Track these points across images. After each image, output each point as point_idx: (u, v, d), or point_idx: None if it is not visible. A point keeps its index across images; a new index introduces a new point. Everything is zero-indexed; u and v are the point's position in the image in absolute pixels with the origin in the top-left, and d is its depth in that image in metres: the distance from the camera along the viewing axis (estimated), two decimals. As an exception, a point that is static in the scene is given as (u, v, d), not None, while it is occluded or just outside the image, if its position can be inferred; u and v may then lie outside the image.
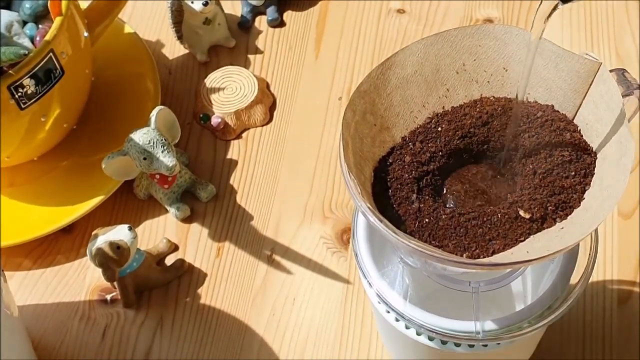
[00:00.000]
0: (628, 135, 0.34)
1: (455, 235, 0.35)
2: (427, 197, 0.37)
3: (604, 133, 0.36)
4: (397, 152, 0.38)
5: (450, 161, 0.38)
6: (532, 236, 0.35)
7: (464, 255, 0.35)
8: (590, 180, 0.36)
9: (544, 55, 0.37)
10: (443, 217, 0.36)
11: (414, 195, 0.37)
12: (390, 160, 0.38)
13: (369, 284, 0.43)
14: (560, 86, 0.37)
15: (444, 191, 0.37)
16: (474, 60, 0.39)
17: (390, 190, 0.37)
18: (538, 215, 0.35)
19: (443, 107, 0.39)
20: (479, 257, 0.35)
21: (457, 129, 0.38)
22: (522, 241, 0.35)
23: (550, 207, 0.35)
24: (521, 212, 0.35)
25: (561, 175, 0.36)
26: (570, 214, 0.35)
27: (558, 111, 0.38)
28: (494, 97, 0.39)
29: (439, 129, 0.38)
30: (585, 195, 0.35)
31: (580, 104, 0.37)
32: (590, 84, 0.36)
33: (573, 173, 0.36)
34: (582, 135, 0.37)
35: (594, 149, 0.37)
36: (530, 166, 0.37)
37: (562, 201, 0.35)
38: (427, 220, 0.36)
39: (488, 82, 0.39)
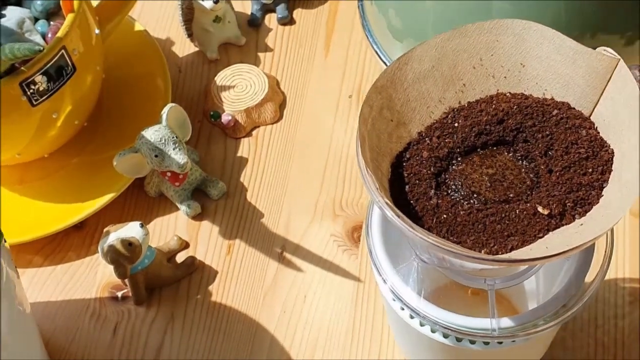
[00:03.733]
0: None
1: (474, 231, 0.35)
2: (445, 193, 0.37)
3: (622, 129, 0.36)
4: (414, 147, 0.38)
5: (467, 157, 0.38)
6: (550, 232, 0.35)
7: (482, 251, 0.34)
8: (609, 177, 0.35)
9: (562, 52, 0.37)
10: (461, 213, 0.36)
11: (432, 191, 0.36)
12: (408, 156, 0.38)
13: (384, 280, 0.43)
14: (577, 82, 0.37)
15: (462, 186, 0.37)
16: (491, 56, 0.38)
17: (407, 186, 0.37)
18: (556, 211, 0.35)
19: (459, 102, 0.39)
20: (497, 254, 0.34)
21: (474, 125, 0.38)
22: (540, 237, 0.35)
23: (568, 204, 0.35)
24: (539, 209, 0.35)
25: (579, 172, 0.36)
26: (589, 210, 0.35)
27: (574, 108, 0.38)
28: (510, 93, 0.39)
29: (456, 124, 0.38)
30: (603, 192, 0.35)
31: (598, 101, 0.37)
32: (608, 81, 0.36)
33: (590, 170, 0.36)
34: (598, 132, 0.37)
35: (611, 146, 0.36)
36: (548, 163, 0.37)
37: (580, 198, 0.35)
38: (445, 216, 0.36)
39: (505, 77, 0.39)
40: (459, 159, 0.38)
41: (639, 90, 0.35)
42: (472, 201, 0.36)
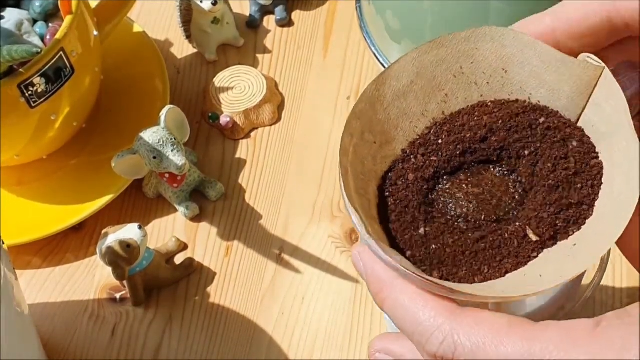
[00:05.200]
0: (633, 136, 0.33)
1: (465, 260, 0.34)
2: (433, 219, 0.36)
3: (610, 135, 0.35)
4: (400, 166, 0.37)
5: (453, 176, 0.37)
6: (545, 250, 0.34)
7: (476, 279, 0.34)
8: (599, 191, 0.35)
9: (544, 59, 0.36)
10: (450, 241, 0.35)
11: (420, 219, 0.36)
12: (394, 178, 0.37)
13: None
14: (563, 89, 0.36)
15: (449, 209, 0.36)
16: (471, 63, 0.37)
17: (394, 214, 0.36)
18: (547, 235, 0.34)
19: (443, 112, 0.38)
20: (491, 279, 0.34)
21: (458, 142, 0.37)
22: (535, 257, 0.34)
23: (559, 224, 0.34)
24: (529, 234, 0.34)
25: (568, 189, 0.35)
26: (582, 225, 0.34)
27: (562, 116, 0.37)
28: (492, 101, 0.38)
29: (440, 140, 0.37)
30: (595, 206, 0.34)
31: (585, 105, 0.36)
32: (594, 87, 0.35)
33: (580, 186, 0.35)
34: (588, 141, 0.36)
35: (600, 155, 0.35)
36: (535, 180, 0.36)
37: (571, 216, 0.34)
38: (434, 246, 0.35)
39: (487, 83, 0.38)
40: (445, 177, 0.37)
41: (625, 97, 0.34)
42: (460, 225, 0.36)
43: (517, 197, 0.36)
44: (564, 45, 0.36)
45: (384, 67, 0.60)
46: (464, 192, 0.36)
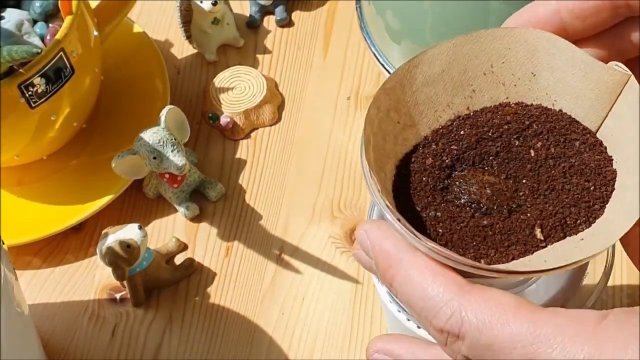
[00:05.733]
0: None
1: (473, 242, 0.35)
2: (446, 204, 0.37)
3: (629, 145, 0.35)
4: (420, 151, 0.38)
5: (470, 165, 0.38)
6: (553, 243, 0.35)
7: (482, 261, 0.34)
8: (611, 194, 0.35)
9: (574, 64, 0.37)
10: (462, 224, 0.35)
11: (433, 202, 0.36)
12: (412, 160, 0.38)
13: (381, 283, 0.43)
14: (587, 96, 0.37)
15: (463, 195, 0.37)
16: (502, 63, 0.38)
17: (408, 195, 0.36)
18: (556, 237, 0.34)
19: (468, 108, 0.39)
20: (497, 263, 0.34)
21: (479, 135, 0.38)
22: (543, 247, 0.34)
23: (569, 222, 0.35)
24: (537, 232, 0.35)
25: (581, 191, 0.35)
26: (592, 224, 0.34)
27: (582, 125, 0.37)
28: (516, 104, 0.38)
29: (461, 132, 0.38)
30: (607, 208, 0.35)
31: (607, 115, 0.36)
32: (618, 96, 0.36)
33: (593, 188, 0.35)
34: (604, 150, 0.36)
35: (614, 162, 0.36)
36: (549, 181, 0.37)
37: (581, 215, 0.35)
38: (442, 229, 0.35)
39: (515, 85, 0.38)
40: (463, 166, 0.38)
41: None
42: (472, 211, 0.36)
43: (530, 192, 0.36)
44: (570, 25, 0.36)
45: (384, 67, 0.60)
46: (480, 180, 0.37)
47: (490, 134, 0.38)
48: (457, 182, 0.37)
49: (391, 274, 0.32)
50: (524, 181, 0.37)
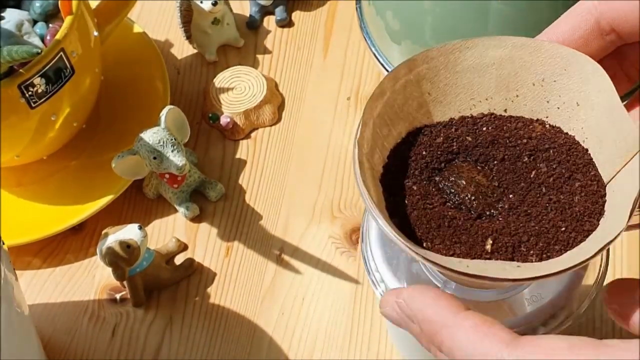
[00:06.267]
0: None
1: (426, 225, 0.34)
2: (428, 182, 0.36)
3: (622, 206, 0.34)
4: (438, 128, 0.37)
5: (473, 162, 0.37)
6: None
7: (424, 244, 0.34)
8: (579, 242, 0.34)
9: (609, 106, 0.35)
10: (428, 206, 0.35)
11: (419, 177, 0.36)
12: (424, 132, 0.37)
13: (376, 284, 0.44)
14: (609, 144, 0.36)
15: (448, 182, 0.36)
16: (554, 81, 0.37)
17: (405, 159, 0.36)
18: (503, 252, 0.34)
19: (505, 110, 0.38)
20: (438, 253, 0.34)
21: (497, 138, 0.37)
22: (486, 259, 0.34)
23: (523, 248, 0.34)
24: (487, 244, 0.34)
25: (551, 225, 0.34)
26: (543, 260, 0.34)
27: (596, 167, 0.36)
28: (552, 127, 0.37)
29: (484, 128, 0.37)
30: (567, 253, 0.34)
31: (620, 170, 0.35)
32: (634, 155, 0.34)
33: (564, 229, 0.34)
34: (600, 199, 0.35)
35: (604, 217, 0.35)
36: (531, 204, 0.36)
37: (537, 249, 0.34)
38: (407, 202, 0.35)
39: (558, 108, 0.37)
40: (466, 158, 0.37)
41: None
42: (446, 199, 0.36)
43: (509, 207, 0.36)
44: None
45: (384, 67, 0.60)
46: (471, 177, 0.37)
47: (507, 141, 0.37)
48: (450, 170, 0.37)
49: (439, 341, 0.32)
50: (510, 195, 0.36)
